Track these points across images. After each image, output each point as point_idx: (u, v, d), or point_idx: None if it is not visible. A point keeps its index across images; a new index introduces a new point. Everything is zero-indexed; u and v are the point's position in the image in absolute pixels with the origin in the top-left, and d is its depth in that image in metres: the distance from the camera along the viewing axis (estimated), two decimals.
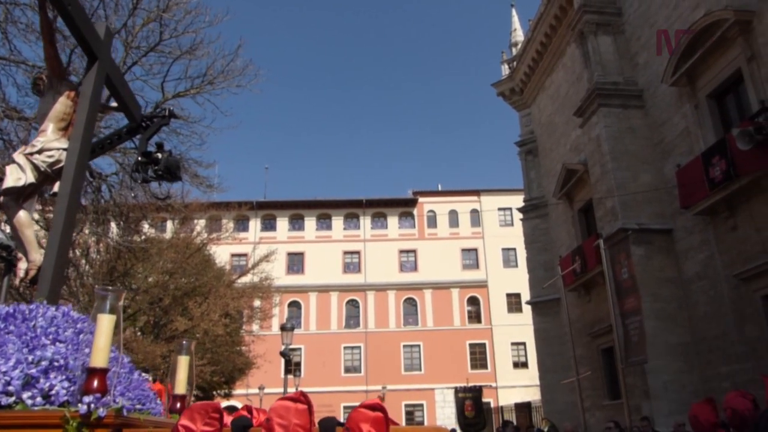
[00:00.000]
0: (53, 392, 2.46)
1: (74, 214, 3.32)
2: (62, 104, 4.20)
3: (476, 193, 47.48)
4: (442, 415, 39.91)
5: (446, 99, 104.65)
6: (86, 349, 2.45)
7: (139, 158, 5.49)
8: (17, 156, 4.10)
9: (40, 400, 2.45)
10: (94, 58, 3.69)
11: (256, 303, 29.92)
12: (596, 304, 19.54)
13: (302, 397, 2.43)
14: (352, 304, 44.64)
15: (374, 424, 2.38)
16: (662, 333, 15.27)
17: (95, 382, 2.39)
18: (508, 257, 45.43)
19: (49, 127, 4.15)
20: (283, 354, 19.24)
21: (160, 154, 5.45)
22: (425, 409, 41.53)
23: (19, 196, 4.06)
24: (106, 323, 2.45)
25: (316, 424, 2.50)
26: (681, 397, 14.30)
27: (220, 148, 76.01)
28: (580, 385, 18.08)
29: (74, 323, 2.89)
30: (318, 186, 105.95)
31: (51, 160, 4.04)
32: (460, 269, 45.60)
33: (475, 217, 46.79)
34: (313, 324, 43.56)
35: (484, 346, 43.60)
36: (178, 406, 3.39)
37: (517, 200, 31.13)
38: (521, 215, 26.91)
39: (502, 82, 28.13)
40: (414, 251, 46.04)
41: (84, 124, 3.51)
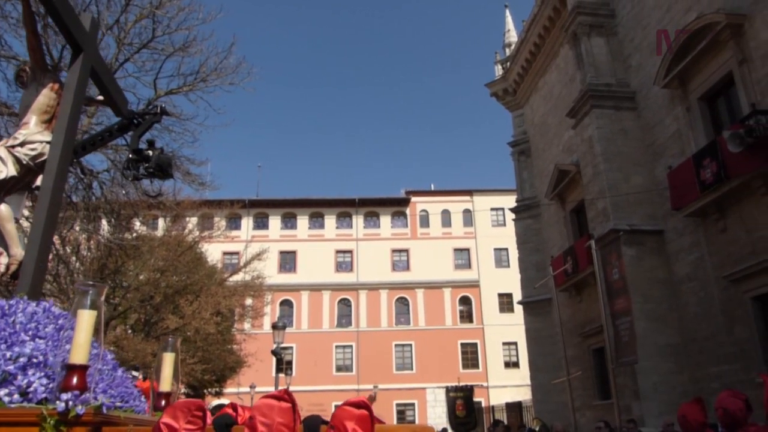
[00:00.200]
0: (31, 389, 2.42)
1: (57, 209, 3.27)
2: (46, 96, 4.13)
3: (469, 193, 47.54)
4: (434, 414, 39.93)
5: (440, 99, 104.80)
6: (67, 346, 2.41)
7: (131, 155, 5.46)
8: None
9: (17, 397, 2.40)
10: (79, 49, 3.63)
11: (248, 301, 29.84)
12: (587, 305, 19.59)
13: (286, 396, 2.38)
14: (344, 303, 44.61)
15: (359, 422, 2.33)
16: (652, 334, 15.33)
17: (74, 379, 2.34)
18: (500, 257, 45.49)
19: (32, 119, 4.08)
20: (275, 353, 19.19)
21: (152, 152, 5.43)
22: (416, 408, 41.55)
23: (0, 189, 3.98)
24: (86, 319, 2.40)
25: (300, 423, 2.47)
26: (671, 398, 14.35)
27: (212, 146, 75.92)
28: (571, 385, 18.13)
29: (55, 319, 2.84)
30: (311, 185, 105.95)
31: (33, 153, 3.97)
32: (453, 269, 45.64)
33: (468, 217, 46.85)
34: (304, 323, 43.50)
35: (475, 345, 43.66)
36: (163, 403, 3.35)
37: (510, 200, 31.16)
38: (513, 215, 26.96)
39: (496, 82, 28.16)
40: (406, 251, 46.05)
41: (68, 117, 3.45)
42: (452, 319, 44.31)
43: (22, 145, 3.99)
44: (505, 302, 43.48)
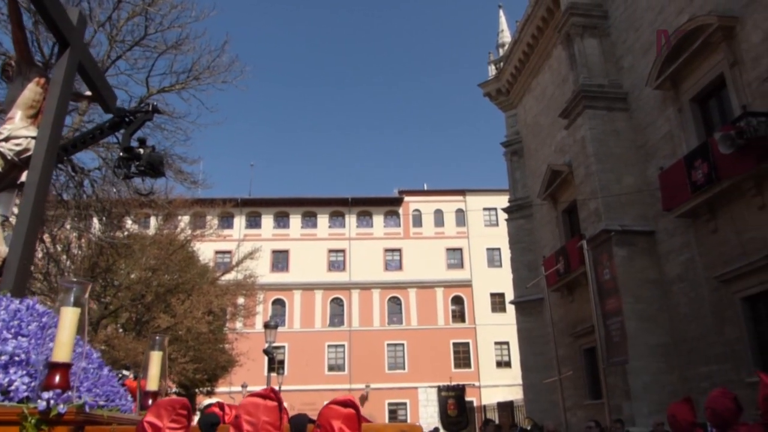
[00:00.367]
0: (12, 388, 2.37)
1: (42, 205, 3.22)
2: (31, 91, 4.06)
3: (462, 192, 47.58)
4: (425, 413, 39.94)
5: (433, 98, 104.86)
6: (50, 344, 2.37)
7: (122, 153, 5.42)
8: None
9: None
10: (66, 44, 3.57)
11: (240, 300, 29.76)
12: (579, 305, 19.65)
13: (272, 394, 2.36)
14: (337, 303, 44.56)
15: (346, 421, 2.31)
16: (643, 334, 15.38)
17: (57, 378, 2.31)
18: (493, 257, 45.56)
19: (17, 114, 4.02)
20: (267, 352, 19.16)
21: (143, 150, 5.39)
22: (408, 407, 41.56)
23: None
24: (69, 316, 2.36)
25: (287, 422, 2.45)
26: (661, 398, 14.40)
27: (205, 145, 75.67)
28: (562, 385, 18.19)
29: (39, 317, 2.80)
30: (304, 184, 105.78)
31: (18, 148, 3.91)
32: (445, 268, 45.67)
33: (461, 216, 46.89)
34: (297, 322, 43.42)
35: (467, 345, 43.70)
36: (150, 402, 3.33)
37: (503, 200, 31.22)
38: (506, 215, 27.00)
39: (489, 82, 28.19)
40: (399, 250, 46.05)
41: (54, 112, 3.39)
42: (444, 319, 44.34)
43: (6, 140, 3.92)
44: (498, 302, 43.55)
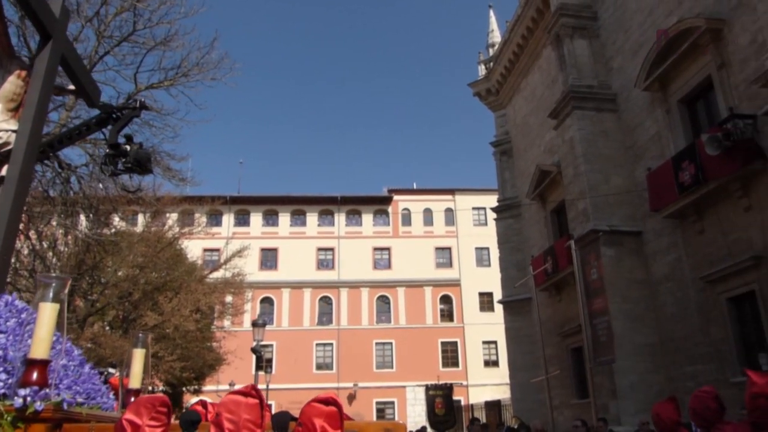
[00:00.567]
0: None
1: (23, 200, 3.16)
2: (12, 84, 3.98)
3: (451, 192, 47.65)
4: (413, 412, 39.97)
5: (423, 98, 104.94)
6: (29, 340, 2.30)
7: (108, 150, 5.37)
8: None
9: None
10: (48, 36, 3.49)
11: (228, 299, 29.62)
12: (567, 304, 19.73)
13: (253, 392, 2.34)
14: (325, 301, 44.49)
15: (327, 418, 2.30)
16: (630, 333, 15.46)
17: (34, 374, 2.23)
18: (482, 256, 45.65)
19: None
20: (255, 350, 19.08)
21: (130, 147, 5.34)
22: (396, 406, 41.57)
23: None
24: (48, 312, 2.28)
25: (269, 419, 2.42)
26: (647, 397, 14.49)
27: (193, 142, 75.26)
28: (550, 384, 18.27)
29: (18, 313, 2.73)
30: (293, 182, 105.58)
31: None
32: (434, 268, 45.72)
33: (450, 216, 46.95)
34: (285, 320, 43.31)
35: (455, 344, 43.78)
36: (133, 400, 3.29)
37: (492, 200, 31.28)
38: (495, 215, 27.06)
39: (479, 82, 28.23)
40: (388, 249, 46.04)
41: (36, 106, 3.31)
42: (433, 318, 44.39)
43: None
44: (486, 301, 43.65)
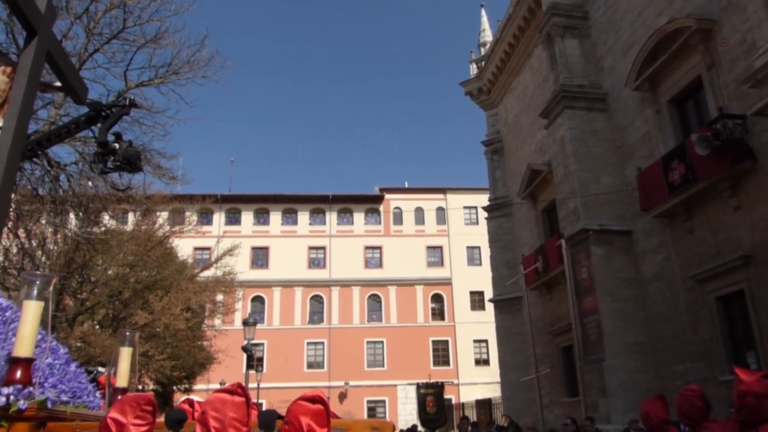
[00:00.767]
0: None
1: (8, 199, 3.11)
2: None
3: (442, 191, 47.74)
4: (404, 411, 40.05)
5: (415, 97, 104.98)
6: (13, 339, 2.29)
7: (97, 148, 5.34)
8: None
9: None
10: (33, 31, 3.45)
11: (219, 297, 29.55)
12: (557, 303, 19.82)
13: (239, 390, 2.33)
14: (317, 300, 44.47)
15: (314, 417, 2.30)
16: (619, 332, 15.56)
17: (18, 373, 2.21)
18: (473, 255, 45.78)
19: None
20: (245, 349, 19.04)
21: (119, 145, 5.31)
22: (387, 405, 41.63)
23: None
24: (32, 310, 2.26)
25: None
26: (636, 395, 14.57)
27: (184, 140, 74.92)
28: (540, 383, 18.38)
29: (2, 311, 2.71)
30: (284, 181, 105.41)
31: None
32: (425, 266, 45.80)
33: (441, 215, 47.04)
34: (276, 319, 43.25)
35: (446, 343, 43.89)
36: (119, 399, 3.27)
37: (483, 199, 31.36)
38: (486, 214, 27.13)
39: (470, 81, 28.28)
40: (379, 248, 46.07)
41: (21, 102, 3.26)
42: (424, 317, 44.49)
43: None
44: (477, 300, 43.78)
